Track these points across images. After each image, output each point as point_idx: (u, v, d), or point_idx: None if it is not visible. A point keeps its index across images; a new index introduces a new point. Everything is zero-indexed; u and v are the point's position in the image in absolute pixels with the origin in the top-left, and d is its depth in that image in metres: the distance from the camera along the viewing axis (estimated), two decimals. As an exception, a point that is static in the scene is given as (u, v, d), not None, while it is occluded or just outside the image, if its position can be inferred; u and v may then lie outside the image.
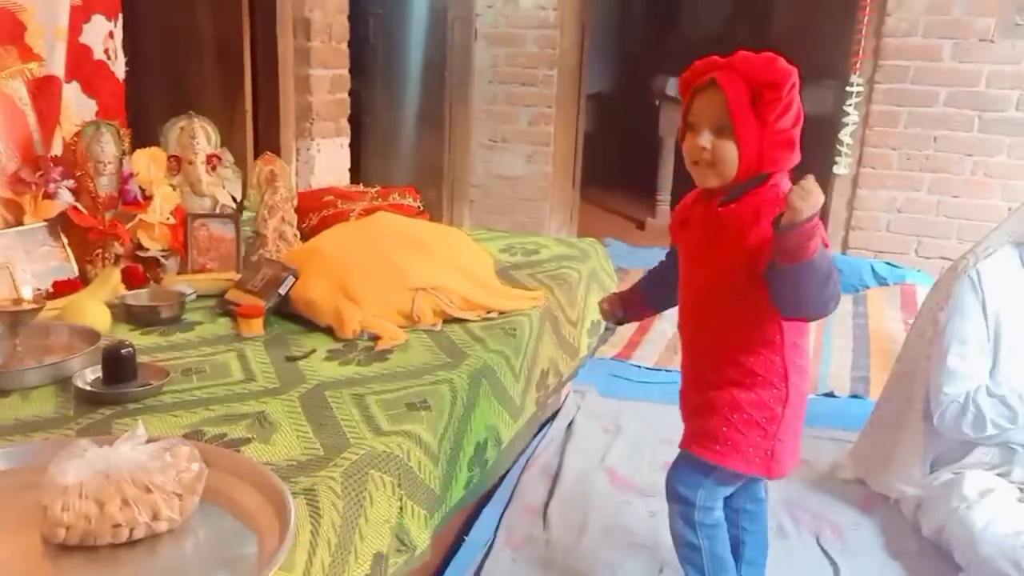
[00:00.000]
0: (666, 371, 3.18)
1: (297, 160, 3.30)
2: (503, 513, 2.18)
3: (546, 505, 2.25)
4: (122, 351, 1.40)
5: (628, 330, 3.55)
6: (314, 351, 1.65)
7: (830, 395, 2.98)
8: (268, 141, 3.12)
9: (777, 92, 1.38)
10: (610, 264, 2.64)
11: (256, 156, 3.11)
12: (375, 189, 2.62)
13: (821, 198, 1.24)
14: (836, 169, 4.27)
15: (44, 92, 2.12)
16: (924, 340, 2.09)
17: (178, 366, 1.55)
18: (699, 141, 1.43)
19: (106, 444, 1.02)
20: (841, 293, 1.36)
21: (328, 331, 1.74)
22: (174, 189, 2.13)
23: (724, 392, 1.51)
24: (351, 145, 3.71)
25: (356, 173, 3.87)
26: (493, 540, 2.07)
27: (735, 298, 1.46)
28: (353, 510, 1.14)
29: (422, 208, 2.53)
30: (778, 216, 1.27)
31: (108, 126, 2.06)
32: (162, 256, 2.07)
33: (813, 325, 1.60)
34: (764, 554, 1.75)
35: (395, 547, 1.23)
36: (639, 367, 3.22)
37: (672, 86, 5.22)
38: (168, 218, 2.09)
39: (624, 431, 2.68)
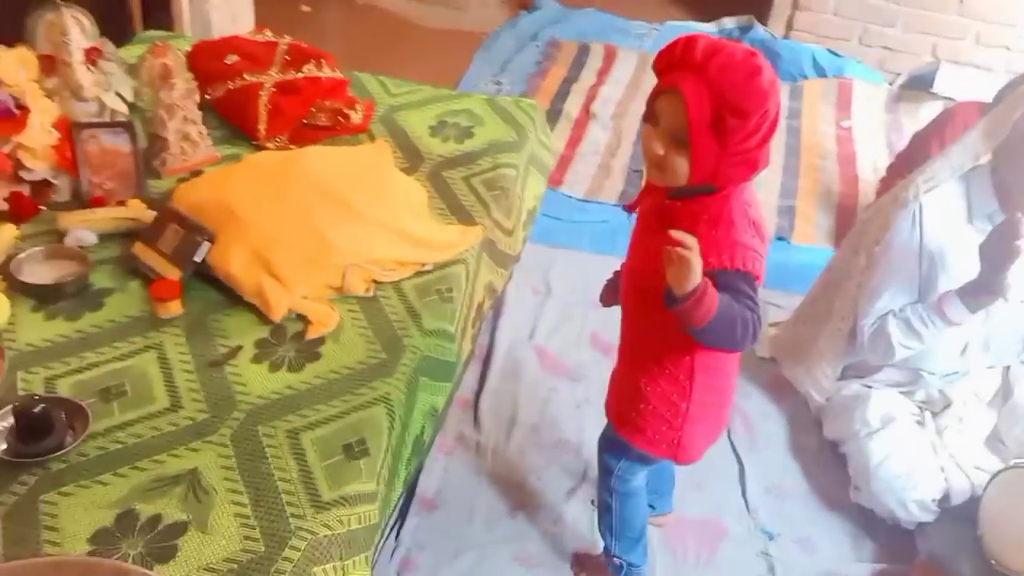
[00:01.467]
0: (597, 204, 3.12)
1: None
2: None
3: (477, 396, 2.32)
4: (36, 410, 1.30)
5: (559, 143, 3.40)
6: (240, 348, 1.56)
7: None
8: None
9: (744, 120, 1.23)
10: (547, 131, 2.46)
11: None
12: (285, 44, 2.29)
13: (696, 266, 1.19)
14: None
15: None
16: (856, 264, 2.10)
17: (95, 384, 1.46)
18: (653, 146, 1.30)
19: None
20: (758, 323, 1.29)
21: (250, 307, 1.64)
22: (50, 97, 1.83)
23: (635, 375, 1.53)
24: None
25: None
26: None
27: (653, 294, 1.34)
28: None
29: (341, 75, 2.24)
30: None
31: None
32: (51, 176, 1.83)
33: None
34: (672, 480, 1.92)
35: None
36: (570, 198, 3.14)
37: None
38: (50, 132, 1.81)
39: (553, 292, 2.69)
